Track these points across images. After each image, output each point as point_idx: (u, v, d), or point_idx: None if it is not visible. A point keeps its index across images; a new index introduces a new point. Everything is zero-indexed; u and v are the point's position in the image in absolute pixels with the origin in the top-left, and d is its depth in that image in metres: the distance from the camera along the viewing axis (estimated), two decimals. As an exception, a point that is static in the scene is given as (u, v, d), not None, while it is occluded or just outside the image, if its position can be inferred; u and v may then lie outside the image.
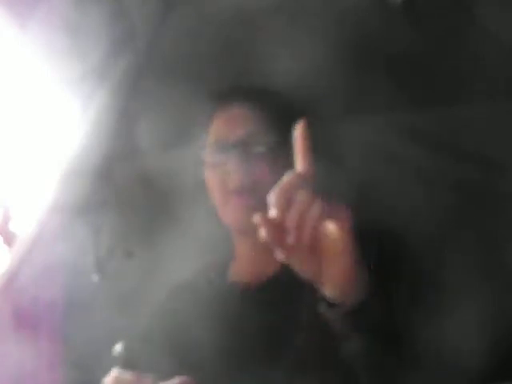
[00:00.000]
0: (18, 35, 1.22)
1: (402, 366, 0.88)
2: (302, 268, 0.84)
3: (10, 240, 1.38)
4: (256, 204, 1.01)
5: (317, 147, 0.83)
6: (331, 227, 0.81)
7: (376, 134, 1.30)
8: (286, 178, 0.80)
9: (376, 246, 0.98)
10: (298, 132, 0.82)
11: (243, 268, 1.16)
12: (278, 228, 0.80)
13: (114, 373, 0.97)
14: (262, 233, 0.79)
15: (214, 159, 1.13)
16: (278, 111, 1.12)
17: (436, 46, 1.24)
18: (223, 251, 1.19)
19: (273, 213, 0.80)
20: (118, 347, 1.02)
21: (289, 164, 0.83)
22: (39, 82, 1.21)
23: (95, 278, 1.37)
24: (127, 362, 0.99)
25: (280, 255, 0.81)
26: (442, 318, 1.02)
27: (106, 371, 0.99)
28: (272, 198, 0.80)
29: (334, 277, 0.84)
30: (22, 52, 1.20)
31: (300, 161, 0.82)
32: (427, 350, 0.92)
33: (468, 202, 1.24)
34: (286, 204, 0.79)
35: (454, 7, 1.21)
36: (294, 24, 1.20)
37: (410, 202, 1.21)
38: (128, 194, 1.44)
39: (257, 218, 0.79)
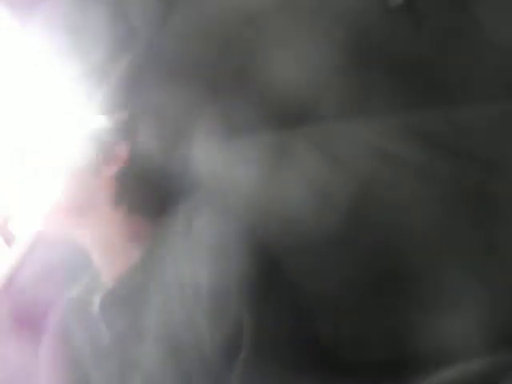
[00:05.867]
0: (18, 35, 1.23)
1: None
2: None
3: (9, 240, 1.38)
4: None
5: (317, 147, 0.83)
6: None
7: (376, 134, 1.30)
8: None
9: None
10: None
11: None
12: None
13: None
14: None
15: None
16: None
17: (437, 47, 1.24)
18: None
19: None
20: None
21: None
22: (39, 82, 1.21)
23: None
24: None
25: None
26: (441, 318, 1.02)
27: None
28: None
29: None
30: (23, 52, 1.20)
31: None
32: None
33: (467, 203, 1.24)
34: None
35: (455, 8, 1.21)
36: (295, 24, 1.21)
37: (409, 202, 1.21)
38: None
39: None
